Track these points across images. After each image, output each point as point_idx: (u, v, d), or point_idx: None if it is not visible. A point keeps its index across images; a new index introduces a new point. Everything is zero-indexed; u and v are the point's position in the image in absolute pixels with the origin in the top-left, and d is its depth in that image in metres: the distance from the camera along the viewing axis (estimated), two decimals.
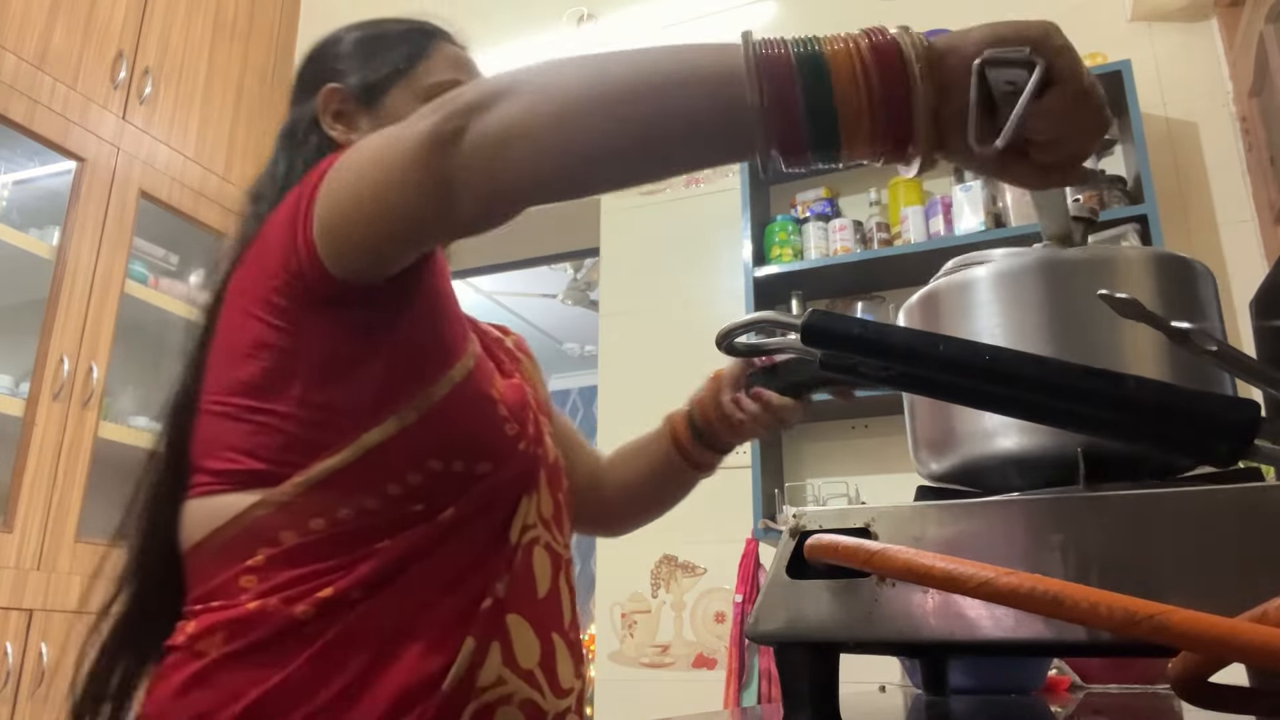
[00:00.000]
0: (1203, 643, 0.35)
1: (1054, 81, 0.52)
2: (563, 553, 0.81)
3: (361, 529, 0.67)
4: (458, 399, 0.70)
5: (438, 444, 0.69)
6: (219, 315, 0.73)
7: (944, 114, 0.50)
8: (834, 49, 0.52)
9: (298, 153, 0.83)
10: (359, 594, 0.65)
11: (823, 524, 0.52)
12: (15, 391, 2.51)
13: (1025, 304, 0.58)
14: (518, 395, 0.77)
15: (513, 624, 0.71)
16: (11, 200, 2.71)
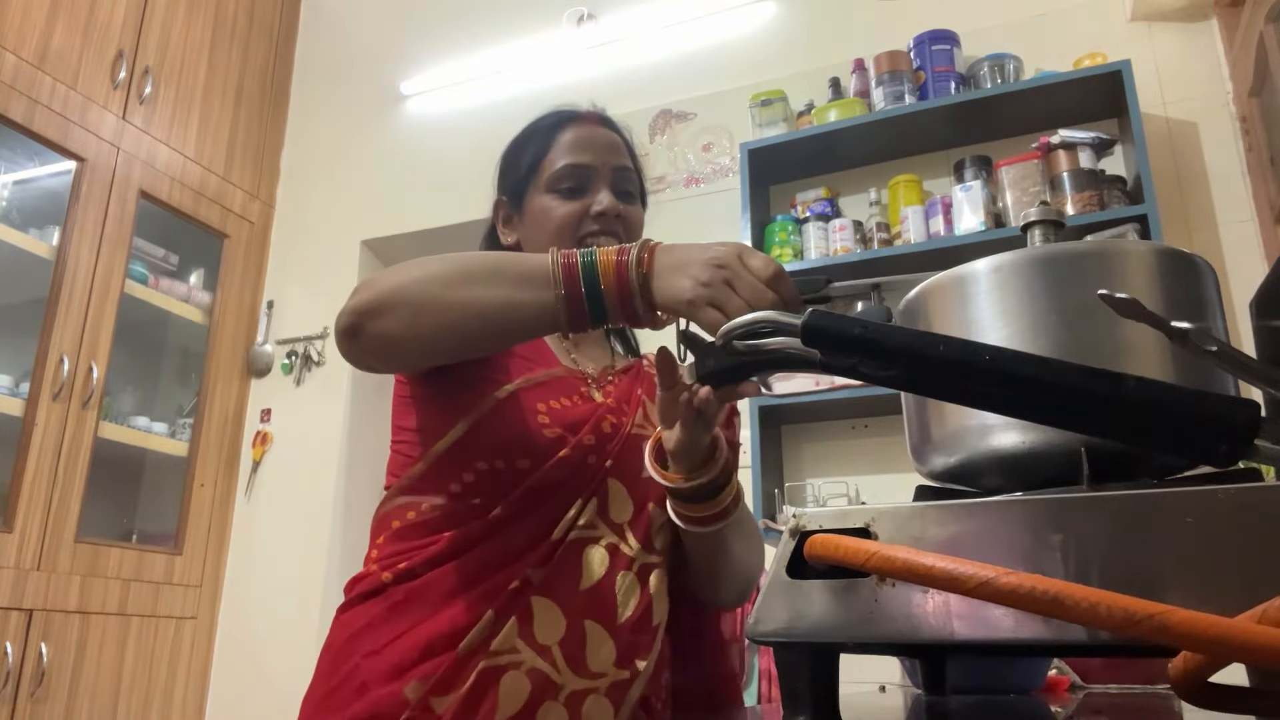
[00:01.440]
0: (1203, 643, 0.35)
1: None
2: (634, 556, 0.91)
3: (434, 520, 0.89)
4: (498, 412, 0.89)
5: (484, 446, 0.89)
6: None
7: (658, 302, 0.71)
8: (604, 260, 0.72)
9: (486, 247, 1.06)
10: (424, 569, 0.87)
11: (823, 524, 0.52)
12: (15, 391, 2.51)
13: (1026, 298, 0.58)
14: (577, 413, 0.92)
15: (538, 604, 0.85)
16: (11, 200, 2.71)
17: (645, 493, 0.93)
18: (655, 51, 3.00)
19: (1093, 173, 2.20)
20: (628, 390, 1.01)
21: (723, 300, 0.66)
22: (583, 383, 0.98)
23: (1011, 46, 2.44)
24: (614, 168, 1.02)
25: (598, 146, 1.02)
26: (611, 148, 1.03)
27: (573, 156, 1.00)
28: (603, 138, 1.03)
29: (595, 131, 1.03)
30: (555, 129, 1.03)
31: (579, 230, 0.98)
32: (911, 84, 2.46)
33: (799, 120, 2.62)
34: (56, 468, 2.50)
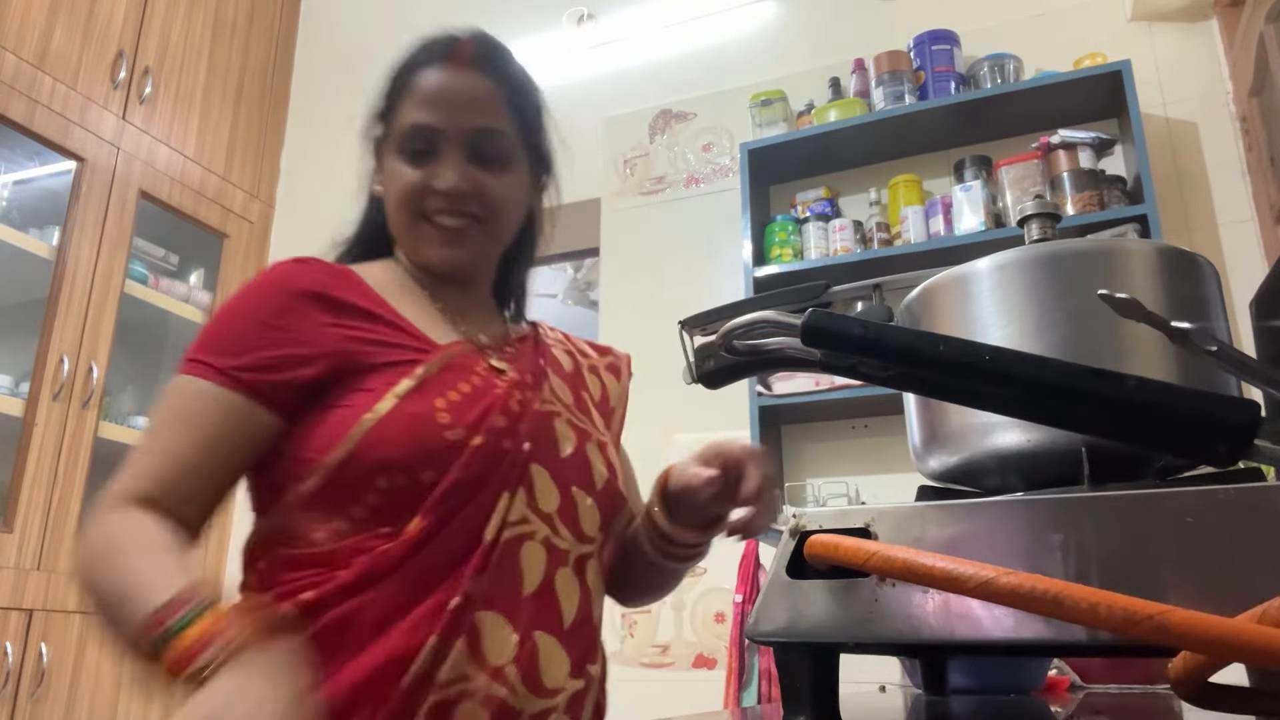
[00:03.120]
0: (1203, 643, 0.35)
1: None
2: (569, 548, 0.82)
3: (334, 548, 0.76)
4: (386, 423, 0.76)
5: (381, 463, 0.76)
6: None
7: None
8: (176, 648, 0.62)
9: (367, 195, 0.96)
10: (337, 599, 0.74)
11: (823, 524, 0.52)
12: (15, 391, 2.51)
13: (1027, 297, 0.58)
14: (481, 398, 0.81)
15: (484, 621, 0.74)
16: (11, 200, 2.71)
17: (567, 476, 0.84)
18: (655, 51, 3.00)
19: (1093, 173, 2.20)
20: (530, 360, 0.91)
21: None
22: (480, 356, 0.86)
23: (1011, 46, 2.44)
24: (469, 130, 0.85)
25: (452, 101, 0.85)
26: (473, 103, 0.85)
27: (423, 113, 0.85)
28: (464, 89, 0.85)
29: (456, 80, 0.85)
30: (413, 69, 0.87)
31: (421, 204, 0.85)
32: (911, 84, 2.46)
33: (799, 120, 2.62)
34: (56, 468, 2.50)
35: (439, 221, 0.86)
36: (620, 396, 1.00)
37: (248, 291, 0.82)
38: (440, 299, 0.90)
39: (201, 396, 0.76)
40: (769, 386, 2.33)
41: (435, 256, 0.87)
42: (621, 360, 1.04)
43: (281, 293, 0.80)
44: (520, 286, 1.02)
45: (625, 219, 2.87)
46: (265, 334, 0.78)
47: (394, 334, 0.82)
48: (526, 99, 0.90)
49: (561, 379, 0.92)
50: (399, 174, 0.86)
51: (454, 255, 0.87)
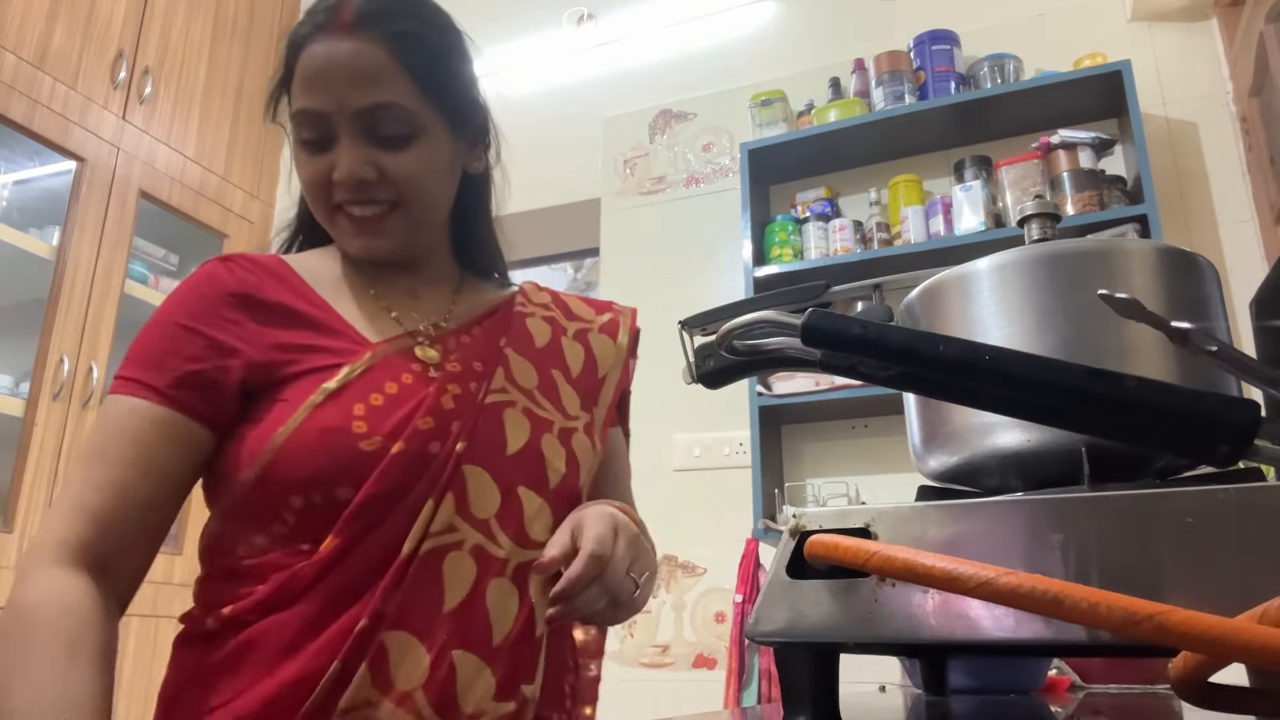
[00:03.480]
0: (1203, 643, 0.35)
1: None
2: (506, 556, 0.75)
3: (261, 560, 0.74)
4: (296, 439, 0.72)
5: (293, 482, 0.72)
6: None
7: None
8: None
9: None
10: (255, 615, 0.72)
11: (823, 524, 0.52)
12: (15, 391, 2.51)
13: (1027, 297, 0.58)
14: (405, 401, 0.76)
15: (392, 642, 0.70)
16: (11, 200, 2.71)
17: (511, 476, 0.77)
18: (655, 51, 3.00)
19: (1093, 173, 2.20)
20: (484, 343, 0.84)
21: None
22: (410, 352, 0.80)
23: (1011, 46, 2.44)
24: (356, 110, 0.76)
25: (335, 79, 0.75)
26: (355, 76, 0.75)
27: (305, 98, 0.76)
28: (344, 61, 0.75)
29: (336, 51, 0.75)
30: (295, 47, 0.78)
31: (328, 196, 0.79)
32: (911, 84, 2.46)
33: (799, 120, 2.62)
34: (56, 468, 2.50)
35: (350, 212, 0.79)
36: (616, 360, 0.92)
37: (175, 297, 0.78)
38: (380, 285, 0.85)
39: (138, 415, 0.73)
40: (769, 386, 2.33)
41: (354, 248, 0.82)
42: (620, 315, 0.96)
43: (207, 297, 0.77)
44: (483, 247, 0.94)
45: (625, 219, 2.87)
46: (192, 343, 0.75)
47: (320, 336, 0.78)
48: (429, 53, 0.79)
49: (526, 358, 0.85)
50: (300, 164, 0.80)
51: (373, 244, 0.81)
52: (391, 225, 0.80)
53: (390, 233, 0.81)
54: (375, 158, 0.77)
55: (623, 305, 0.98)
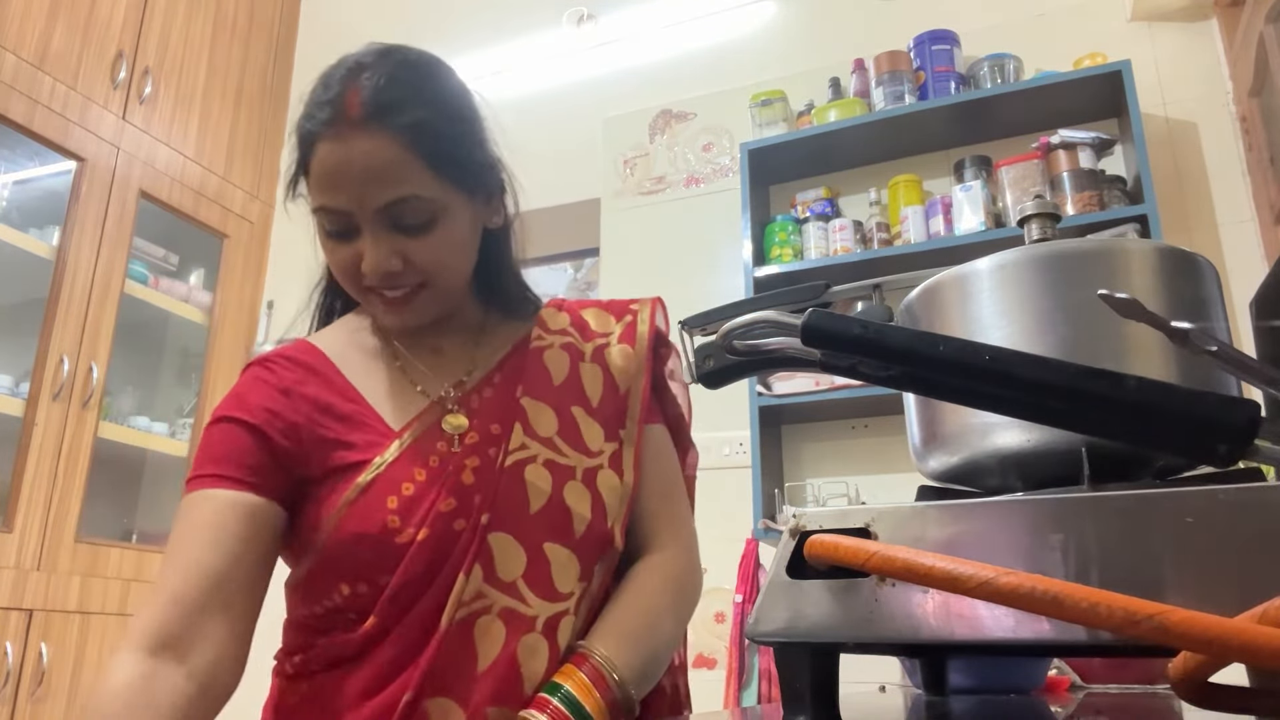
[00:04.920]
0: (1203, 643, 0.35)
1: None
2: (535, 613, 0.79)
3: (318, 625, 0.82)
4: (336, 540, 0.79)
5: (338, 575, 0.79)
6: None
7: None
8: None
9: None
10: (317, 667, 0.80)
11: (823, 524, 0.52)
12: (15, 391, 2.51)
13: (1027, 297, 0.58)
14: (433, 487, 0.80)
15: (434, 709, 0.75)
16: (11, 200, 2.71)
17: (537, 534, 0.81)
18: (655, 51, 3.00)
19: (1093, 173, 2.20)
20: (503, 398, 0.87)
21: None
22: (437, 427, 0.84)
23: (1011, 46, 2.44)
24: (377, 208, 0.78)
25: (353, 179, 0.77)
26: (372, 175, 0.77)
27: (326, 196, 0.79)
28: (361, 162, 0.76)
29: (350, 149, 0.76)
30: (312, 141, 0.79)
31: (360, 282, 0.83)
32: (911, 84, 2.46)
33: (799, 120, 2.62)
34: (56, 468, 2.50)
35: (382, 294, 0.83)
36: (637, 368, 0.92)
37: (226, 403, 0.84)
38: (408, 345, 0.90)
39: (210, 500, 0.78)
40: (769, 386, 2.33)
41: (388, 322, 0.88)
42: (639, 315, 0.96)
43: (255, 397, 0.83)
44: (507, 292, 0.96)
45: (625, 219, 2.87)
46: (247, 435, 0.81)
47: (351, 430, 0.83)
48: (441, 137, 0.80)
49: (545, 402, 0.88)
50: (329, 250, 0.84)
51: (405, 319, 0.86)
52: (421, 302, 0.84)
53: (420, 308, 0.85)
54: (400, 247, 0.80)
55: (643, 300, 0.98)
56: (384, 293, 0.83)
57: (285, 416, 0.82)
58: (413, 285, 0.82)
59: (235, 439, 0.81)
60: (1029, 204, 0.64)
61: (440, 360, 0.90)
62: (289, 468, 0.81)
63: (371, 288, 0.83)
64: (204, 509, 0.78)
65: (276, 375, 0.85)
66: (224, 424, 0.82)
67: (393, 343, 0.90)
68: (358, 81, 0.78)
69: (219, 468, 0.79)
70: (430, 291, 0.84)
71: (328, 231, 0.82)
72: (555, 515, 0.82)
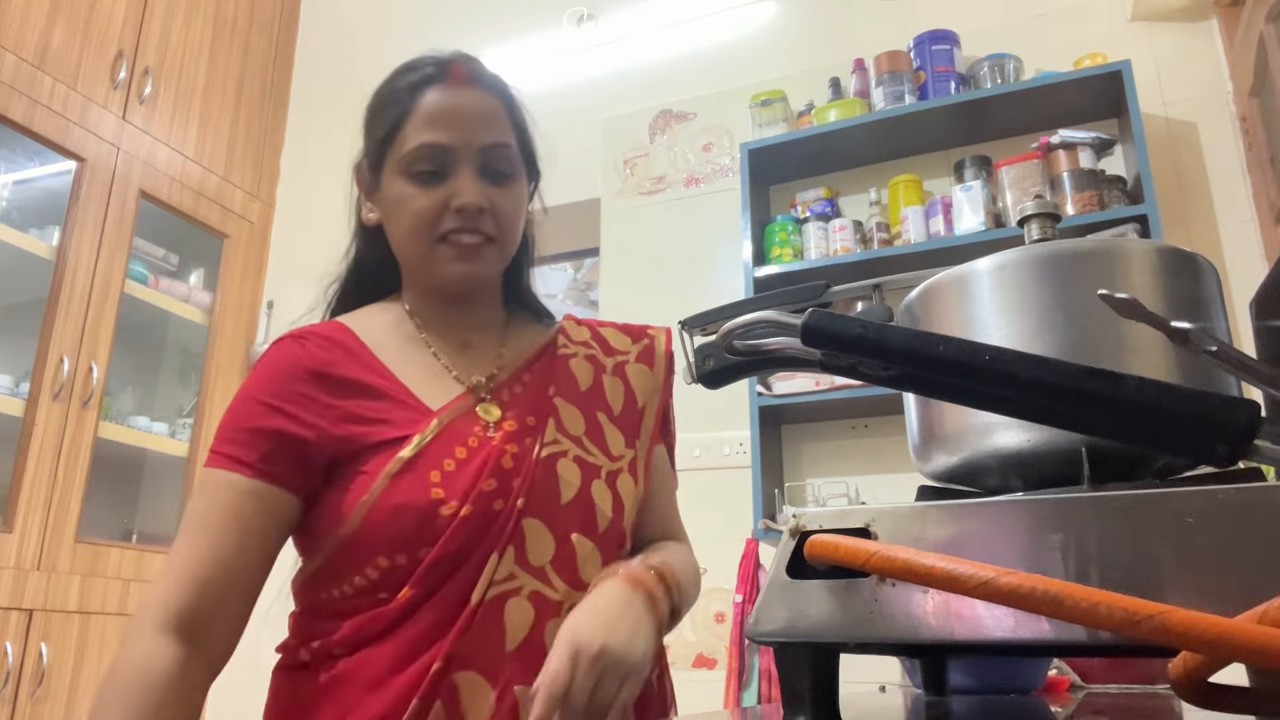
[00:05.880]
0: (1203, 643, 0.35)
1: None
2: (562, 598, 0.81)
3: (342, 607, 0.82)
4: (380, 508, 0.80)
5: (379, 546, 0.80)
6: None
7: None
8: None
9: (358, 219, 0.97)
10: (340, 649, 0.80)
11: (823, 524, 0.52)
12: (15, 391, 2.51)
13: (1027, 297, 0.58)
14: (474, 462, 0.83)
15: (463, 682, 0.77)
16: (11, 200, 2.71)
17: (566, 524, 0.84)
18: (655, 51, 3.00)
19: (1093, 173, 2.20)
20: (535, 394, 0.90)
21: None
22: (473, 412, 0.86)
23: (1011, 46, 2.44)
24: (481, 147, 0.86)
25: (462, 119, 0.85)
26: (481, 118, 0.86)
27: (430, 133, 0.85)
28: (470, 105, 0.86)
29: (461, 96, 0.86)
30: (416, 90, 0.86)
31: (438, 227, 0.86)
32: (911, 84, 2.46)
33: (799, 120, 2.62)
34: (56, 468, 2.50)
35: (456, 240, 0.86)
36: (654, 387, 0.98)
37: (255, 374, 0.86)
38: (435, 340, 0.91)
39: (233, 488, 0.80)
40: (769, 386, 2.33)
41: (453, 273, 0.88)
42: (656, 341, 1.01)
43: (283, 375, 0.84)
44: (530, 291, 1.03)
45: (625, 219, 2.87)
46: (273, 419, 0.82)
47: (391, 408, 0.84)
48: (521, 111, 0.93)
49: (574, 404, 0.91)
50: (410, 197, 0.86)
51: (471, 270, 0.88)
52: (487, 255, 0.88)
53: (486, 261, 0.89)
54: (488, 191, 0.86)
55: (657, 328, 1.04)
56: (461, 239, 0.86)
57: (315, 403, 0.83)
58: (484, 236, 0.87)
59: (261, 422, 0.82)
60: (1029, 204, 0.64)
61: (470, 353, 0.92)
62: (312, 458, 0.82)
63: (450, 233, 0.86)
64: (225, 494, 0.80)
65: (310, 354, 0.85)
66: (254, 404, 0.83)
67: (422, 332, 0.92)
68: (454, 58, 0.89)
69: (245, 451, 0.81)
70: (496, 248, 0.88)
71: (419, 174, 0.85)
72: (582, 509, 0.86)
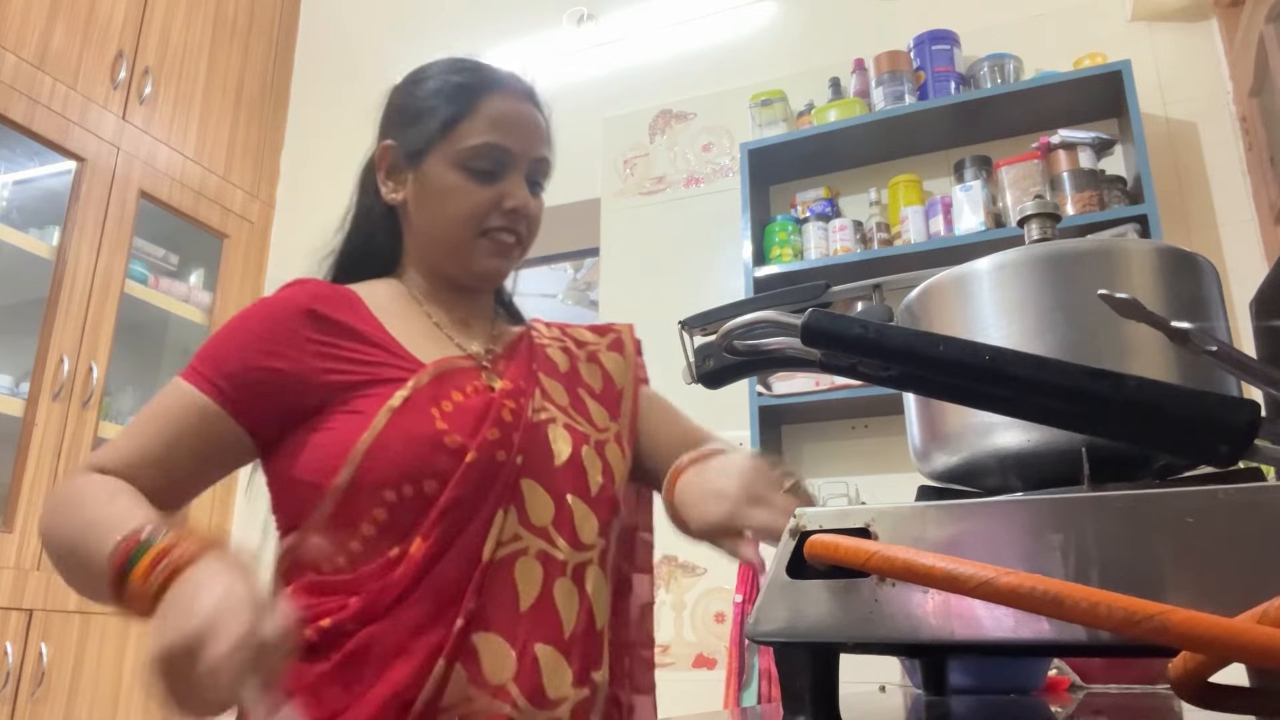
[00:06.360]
0: (1203, 643, 0.35)
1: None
2: (566, 558, 0.84)
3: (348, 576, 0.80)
4: (384, 439, 0.80)
5: (387, 478, 0.79)
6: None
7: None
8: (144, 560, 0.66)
9: (364, 197, 1.00)
10: (354, 624, 0.77)
11: (823, 524, 0.52)
12: (15, 391, 2.51)
13: (1027, 297, 0.58)
14: (474, 407, 0.84)
15: (481, 642, 0.77)
16: (11, 200, 2.71)
17: (561, 485, 0.86)
18: (655, 51, 3.00)
19: (1093, 173, 2.20)
20: (523, 368, 0.93)
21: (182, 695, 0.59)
22: (476, 369, 0.90)
23: (1011, 46, 2.44)
24: (533, 158, 0.93)
25: (524, 129, 0.92)
26: (535, 132, 0.93)
27: (497, 135, 0.90)
28: (529, 118, 0.93)
29: (523, 109, 0.92)
30: (478, 92, 0.91)
31: (485, 222, 0.90)
32: (911, 84, 2.46)
33: (799, 120, 2.62)
34: (56, 468, 2.50)
35: (499, 237, 0.91)
36: (627, 370, 1.03)
37: (253, 307, 0.87)
38: (441, 313, 0.94)
39: (182, 397, 0.82)
40: (769, 386, 2.33)
41: (488, 266, 0.93)
42: (623, 332, 1.08)
43: (280, 313, 0.85)
44: (511, 295, 1.08)
45: (625, 219, 2.87)
46: (252, 346, 0.83)
47: (381, 354, 0.85)
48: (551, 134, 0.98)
49: (557, 380, 0.95)
50: (464, 190, 0.90)
51: (502, 266, 0.94)
52: (516, 254, 0.94)
53: (513, 260, 0.95)
54: (530, 199, 0.92)
55: (620, 324, 1.10)
56: (502, 237, 0.91)
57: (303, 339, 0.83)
58: (519, 237, 0.93)
59: (242, 344, 0.83)
60: (1029, 204, 0.64)
61: (467, 330, 0.96)
62: (288, 399, 0.82)
63: (494, 228, 0.90)
64: (175, 402, 0.82)
65: (309, 294, 0.87)
66: (241, 329, 0.84)
67: (424, 305, 0.94)
68: (516, 75, 0.95)
69: (213, 370, 0.82)
70: (521, 250, 0.95)
71: (476, 170, 0.89)
72: (575, 472, 0.87)
